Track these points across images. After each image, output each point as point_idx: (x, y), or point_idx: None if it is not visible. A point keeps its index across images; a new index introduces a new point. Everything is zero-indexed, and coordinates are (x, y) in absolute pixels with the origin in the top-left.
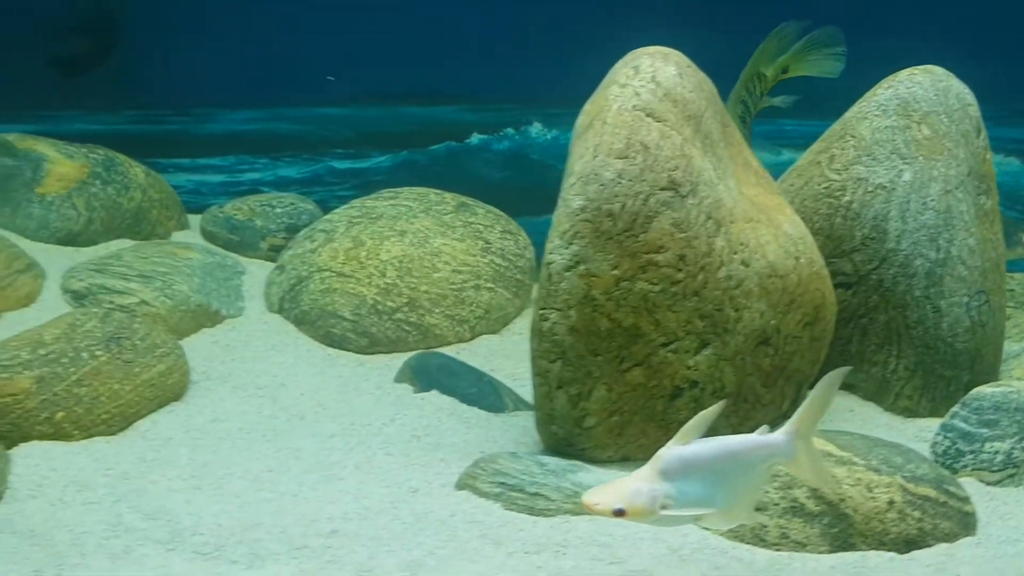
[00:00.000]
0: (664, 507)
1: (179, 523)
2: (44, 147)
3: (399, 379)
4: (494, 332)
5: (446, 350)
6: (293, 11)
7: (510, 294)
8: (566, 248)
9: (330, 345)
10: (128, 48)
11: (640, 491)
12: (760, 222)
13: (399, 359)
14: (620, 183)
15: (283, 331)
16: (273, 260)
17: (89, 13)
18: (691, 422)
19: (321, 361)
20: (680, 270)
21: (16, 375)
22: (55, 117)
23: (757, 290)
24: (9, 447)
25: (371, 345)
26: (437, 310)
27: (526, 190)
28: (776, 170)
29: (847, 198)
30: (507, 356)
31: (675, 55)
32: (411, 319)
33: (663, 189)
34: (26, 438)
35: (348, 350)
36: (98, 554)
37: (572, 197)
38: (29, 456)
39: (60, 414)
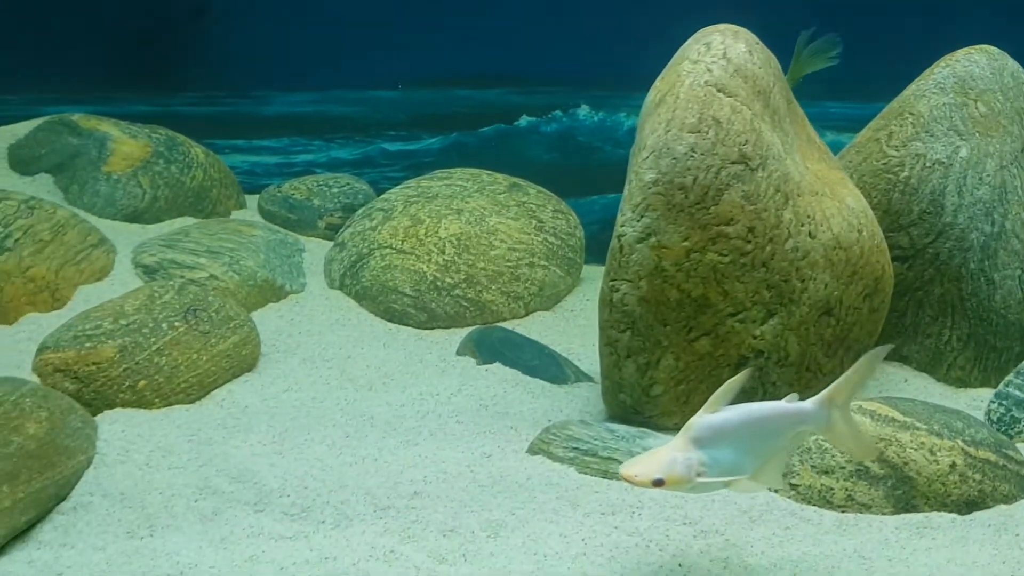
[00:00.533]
0: (699, 474)
1: (266, 485)
2: (108, 127)
3: (461, 352)
4: (547, 309)
5: (501, 326)
6: None
7: (562, 272)
8: (638, 220)
9: (390, 320)
10: (187, 32)
11: (676, 460)
12: (825, 195)
13: (457, 334)
14: (692, 157)
15: (345, 306)
16: (329, 239)
17: None
18: (719, 390)
19: (383, 335)
20: (749, 242)
21: (100, 344)
22: (115, 98)
23: (822, 261)
24: (94, 414)
25: (430, 320)
26: (494, 287)
27: (573, 171)
28: None
29: (905, 173)
30: (561, 332)
31: (744, 32)
32: (469, 295)
33: (734, 163)
34: (110, 405)
35: (408, 325)
36: (188, 515)
37: (644, 171)
38: (114, 423)
39: (142, 382)
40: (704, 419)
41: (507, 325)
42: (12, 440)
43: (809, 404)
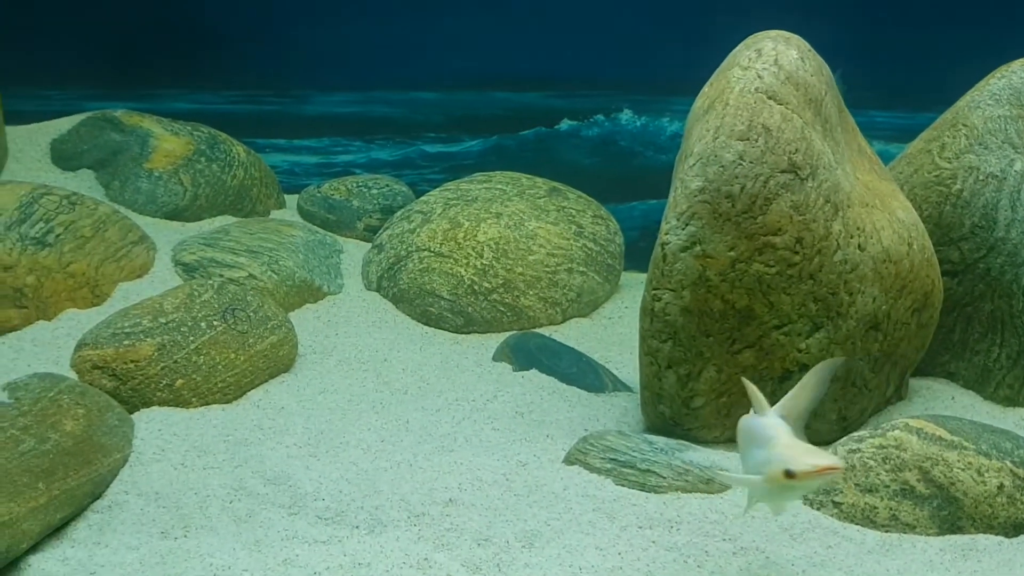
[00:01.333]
0: None
1: (300, 488)
2: (150, 123)
3: (497, 358)
4: (584, 316)
5: (538, 332)
6: None
7: (601, 278)
8: (682, 229)
9: (427, 323)
10: (230, 30)
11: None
12: (875, 207)
13: (493, 339)
14: (741, 165)
15: (381, 308)
16: (368, 240)
17: None
18: (759, 394)
19: (419, 338)
20: (797, 253)
21: (139, 342)
22: (157, 95)
23: (871, 275)
24: (131, 412)
25: (466, 325)
26: (531, 292)
27: (614, 176)
28: None
29: (957, 186)
30: (598, 340)
31: (796, 39)
32: (506, 300)
33: (783, 172)
34: (147, 404)
35: (444, 329)
36: (223, 517)
37: (691, 178)
38: (151, 421)
39: (179, 381)
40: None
41: (544, 331)
42: (49, 436)
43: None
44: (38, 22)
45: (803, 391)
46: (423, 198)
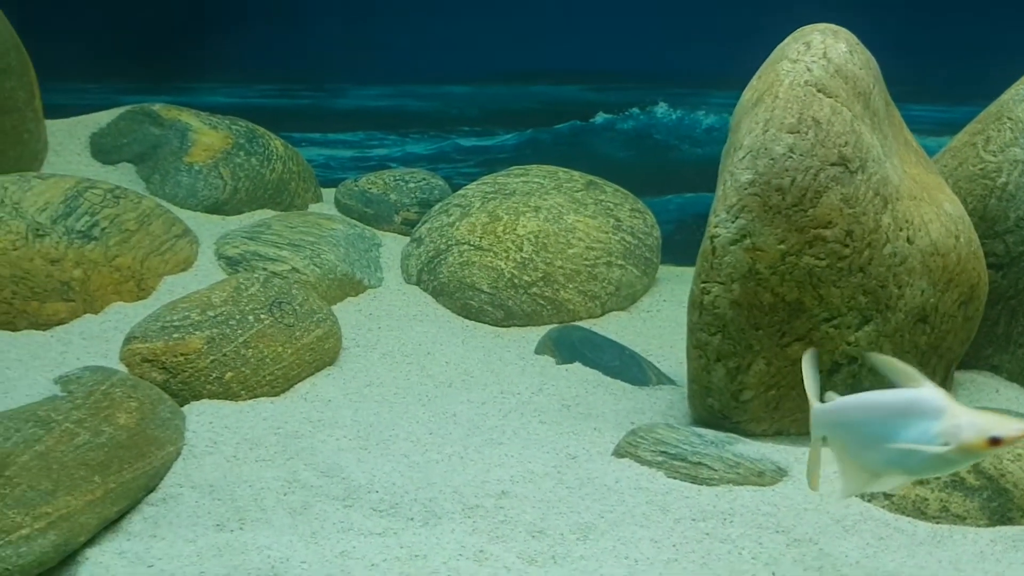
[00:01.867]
0: None
1: (354, 481)
2: (188, 117)
3: (539, 351)
4: (622, 309)
5: (580, 325)
6: None
7: (639, 272)
8: (732, 222)
9: (467, 317)
10: (265, 24)
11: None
12: (923, 200)
13: (533, 332)
14: (791, 157)
15: (422, 302)
16: (405, 233)
17: None
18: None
19: (461, 332)
20: (847, 246)
21: (188, 335)
22: (193, 89)
23: (920, 267)
24: (181, 405)
25: (507, 318)
26: (571, 285)
27: (649, 170)
28: None
29: (1002, 179)
30: (638, 333)
31: (844, 32)
32: (546, 293)
33: (833, 164)
34: (196, 397)
35: (484, 322)
36: (278, 509)
37: (741, 171)
38: (201, 414)
39: (229, 374)
40: None
41: (583, 324)
42: (103, 430)
43: None
44: (75, 16)
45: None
46: (460, 192)
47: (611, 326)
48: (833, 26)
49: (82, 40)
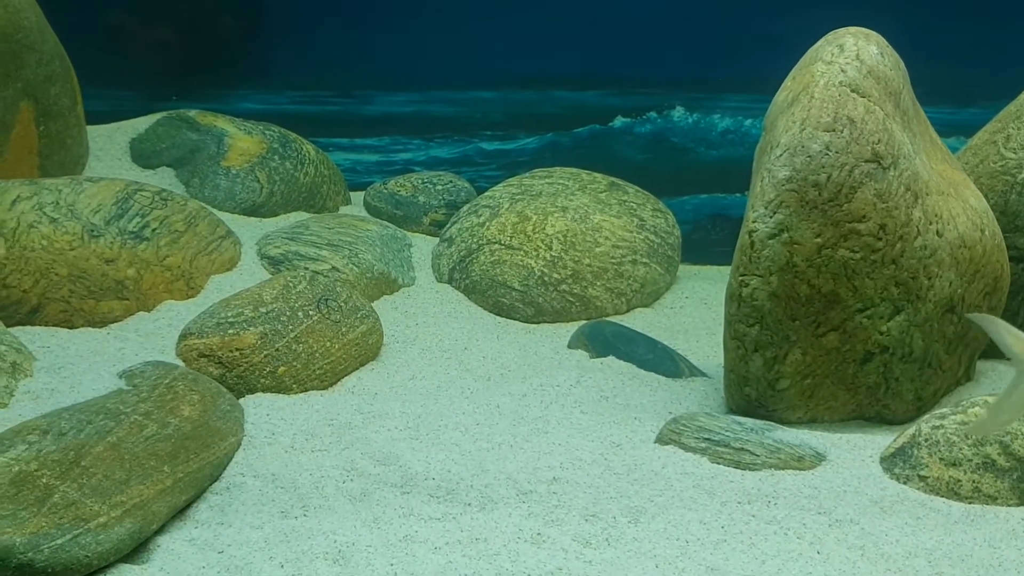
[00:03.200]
0: None
1: (410, 468)
2: (223, 123)
3: (573, 345)
4: (647, 306)
5: (609, 320)
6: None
7: (662, 269)
8: (770, 217)
9: (498, 314)
10: (294, 31)
11: None
12: (950, 195)
13: (563, 328)
14: (827, 155)
15: (454, 300)
16: (433, 234)
17: None
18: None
19: (494, 328)
20: (880, 239)
21: (242, 331)
22: (224, 96)
23: (948, 260)
24: (237, 398)
25: (537, 314)
26: (599, 283)
27: (666, 172)
28: None
29: (1023, 176)
30: (663, 328)
31: (875, 35)
32: (575, 291)
33: (867, 161)
34: (251, 390)
35: (515, 319)
36: (339, 496)
37: (778, 168)
38: (258, 406)
39: (281, 368)
40: None
41: (611, 320)
42: (170, 421)
43: None
44: (112, 27)
45: None
46: (488, 193)
47: (637, 322)
48: (864, 29)
49: (119, 49)
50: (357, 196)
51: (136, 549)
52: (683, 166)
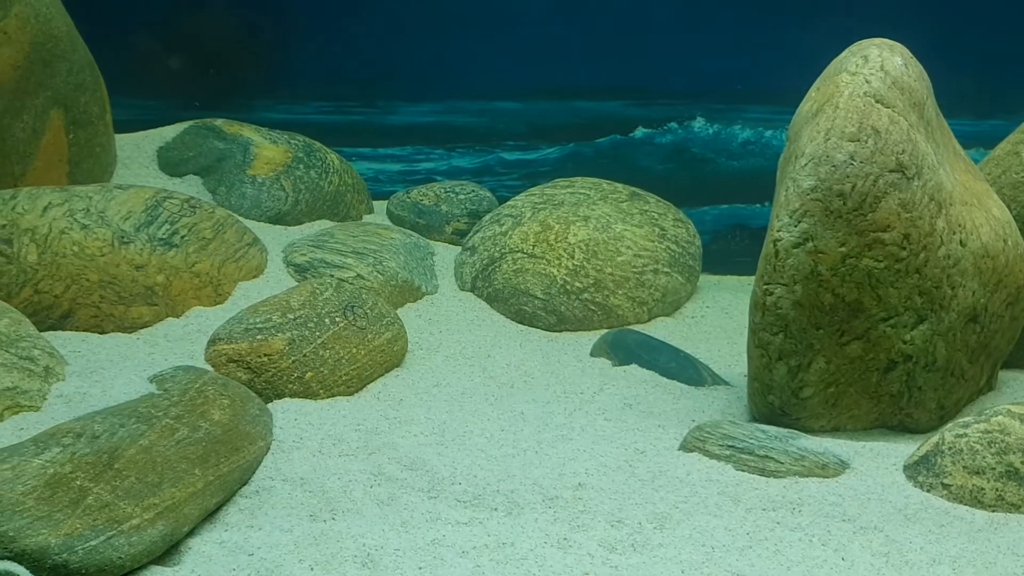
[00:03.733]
0: None
1: (437, 474)
2: (249, 132)
3: (595, 353)
4: (668, 315)
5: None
6: (472, 10)
7: (683, 279)
8: (795, 226)
9: (520, 322)
10: (319, 42)
11: None
12: (973, 205)
13: (585, 337)
14: (852, 164)
15: (477, 307)
16: (456, 243)
17: None
18: None
19: (516, 336)
20: (904, 248)
21: (270, 337)
22: (249, 105)
23: (971, 269)
24: (265, 403)
25: (559, 323)
26: (620, 291)
27: (686, 182)
28: None
29: None
30: (684, 337)
31: (899, 46)
32: (597, 299)
33: (891, 171)
34: (279, 395)
35: (537, 327)
36: (366, 500)
37: (803, 177)
38: (286, 411)
39: (309, 374)
40: None
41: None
42: (200, 425)
43: None
44: (139, 37)
45: None
46: (510, 202)
47: (658, 331)
48: (888, 40)
49: (145, 59)
50: (380, 205)
51: (168, 551)
52: (703, 176)
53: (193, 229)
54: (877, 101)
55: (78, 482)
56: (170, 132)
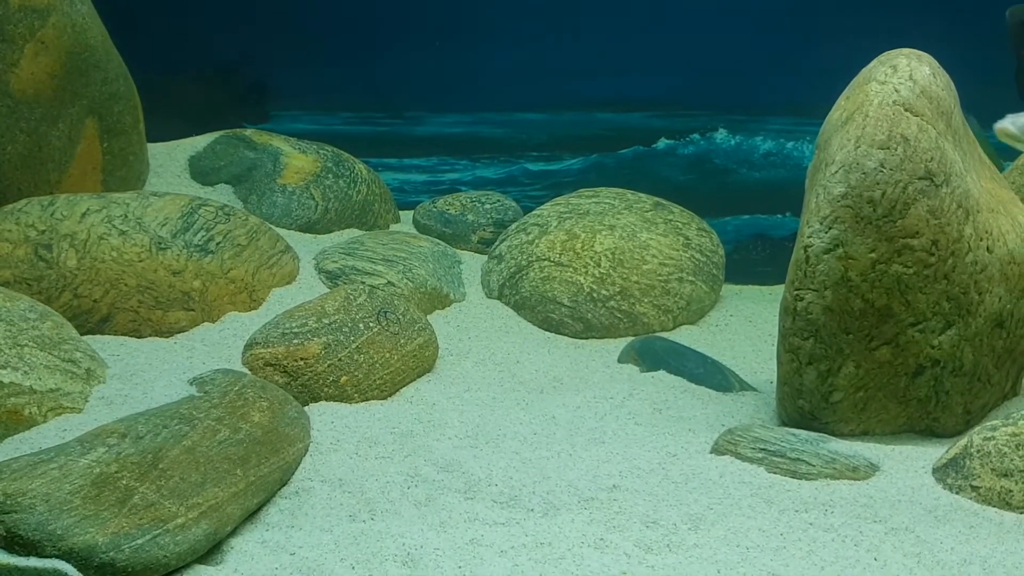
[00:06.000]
0: None
1: (473, 475)
2: (278, 142)
3: (623, 360)
4: (692, 323)
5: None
6: (497, 22)
7: (707, 287)
8: (825, 232)
9: (548, 329)
10: (348, 55)
11: None
12: (999, 212)
13: (611, 344)
14: (881, 172)
15: (504, 315)
16: (482, 252)
17: None
18: None
19: (544, 343)
20: (933, 254)
21: (307, 341)
22: (278, 116)
23: (998, 275)
24: (302, 406)
25: (585, 330)
26: (646, 299)
27: (708, 193)
28: None
29: None
30: (710, 345)
31: (927, 57)
32: (623, 307)
33: (920, 178)
34: (315, 398)
35: (564, 334)
36: (404, 501)
37: (833, 184)
38: (323, 414)
39: (344, 378)
40: None
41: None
42: (241, 427)
43: None
44: (170, 49)
45: None
46: (535, 212)
47: (683, 339)
48: (916, 51)
49: (176, 69)
50: (405, 215)
51: (211, 550)
52: (725, 187)
53: (228, 236)
54: (906, 110)
55: (124, 482)
56: (201, 142)
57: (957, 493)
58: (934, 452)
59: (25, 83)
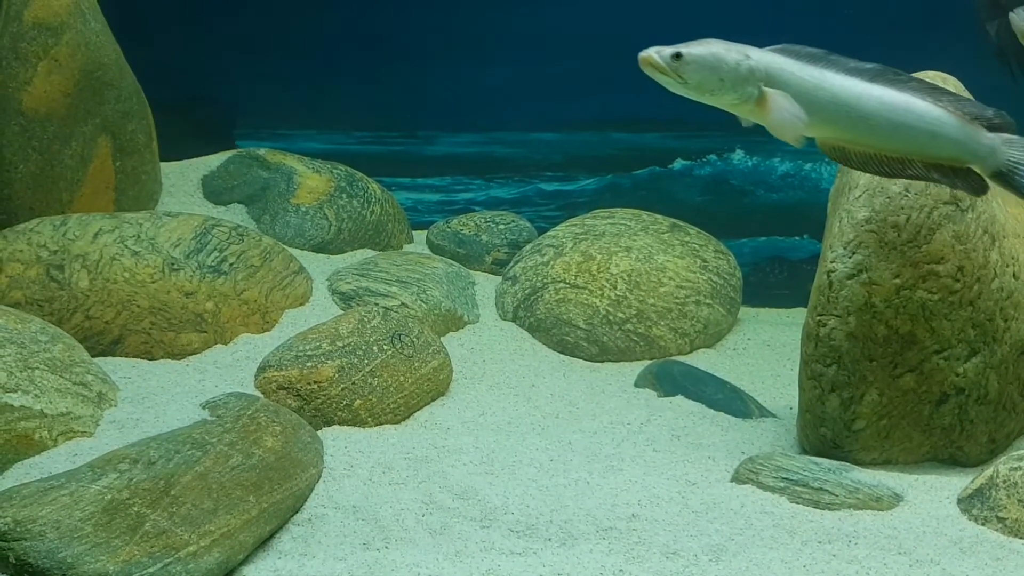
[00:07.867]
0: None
1: (489, 503)
2: (292, 161)
3: (640, 384)
4: (709, 346)
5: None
6: (511, 42)
7: (724, 310)
8: (849, 257)
9: (563, 352)
10: (363, 74)
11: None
12: None
13: (627, 368)
14: (906, 196)
15: (518, 337)
16: (496, 272)
17: None
18: None
19: (559, 366)
20: (958, 280)
21: (320, 364)
22: (292, 135)
23: None
24: (315, 430)
25: (601, 353)
26: (663, 322)
27: (725, 214)
28: None
29: None
30: (727, 369)
31: (952, 79)
32: (639, 330)
33: (946, 203)
34: (328, 423)
35: (579, 357)
36: (419, 529)
37: (857, 208)
38: (336, 439)
39: (357, 401)
40: None
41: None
42: (254, 452)
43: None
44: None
45: None
46: (550, 233)
47: (701, 363)
48: (942, 73)
49: (191, 89)
50: (419, 235)
51: None
52: (742, 208)
53: (241, 257)
54: None
55: (135, 508)
56: (214, 161)
57: (983, 524)
58: (958, 482)
59: (38, 101)
